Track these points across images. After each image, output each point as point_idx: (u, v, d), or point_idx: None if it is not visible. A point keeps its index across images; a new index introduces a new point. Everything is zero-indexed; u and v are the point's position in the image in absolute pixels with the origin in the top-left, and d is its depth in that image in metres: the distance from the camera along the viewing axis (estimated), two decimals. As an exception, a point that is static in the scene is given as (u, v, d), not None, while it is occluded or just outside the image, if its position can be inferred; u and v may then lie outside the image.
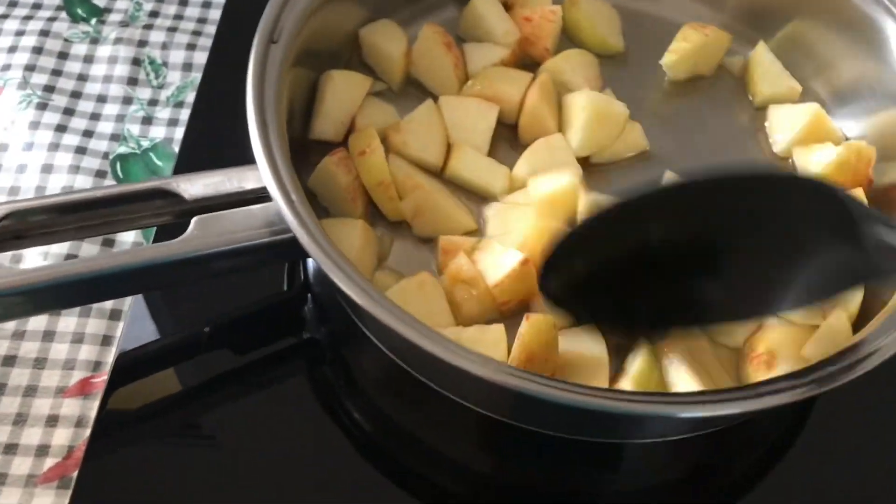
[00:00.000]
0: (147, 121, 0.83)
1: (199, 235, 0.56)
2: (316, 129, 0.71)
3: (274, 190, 0.56)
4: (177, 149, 0.80)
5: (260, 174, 0.57)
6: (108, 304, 0.71)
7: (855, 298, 0.62)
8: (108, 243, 0.74)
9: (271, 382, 0.68)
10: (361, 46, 0.75)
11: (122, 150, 0.81)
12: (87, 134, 0.81)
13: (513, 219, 0.68)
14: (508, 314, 0.64)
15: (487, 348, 0.57)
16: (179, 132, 0.81)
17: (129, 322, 0.67)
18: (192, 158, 0.75)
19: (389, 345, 0.63)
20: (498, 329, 0.60)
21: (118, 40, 0.87)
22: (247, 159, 0.59)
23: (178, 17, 0.90)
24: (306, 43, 0.66)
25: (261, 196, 0.58)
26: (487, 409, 0.62)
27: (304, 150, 0.68)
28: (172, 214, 0.59)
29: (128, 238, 0.74)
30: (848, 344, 0.55)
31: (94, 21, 0.89)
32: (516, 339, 0.59)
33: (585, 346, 0.61)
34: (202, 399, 0.66)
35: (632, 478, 0.66)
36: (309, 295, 0.70)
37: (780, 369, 0.59)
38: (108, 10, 0.90)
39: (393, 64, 0.74)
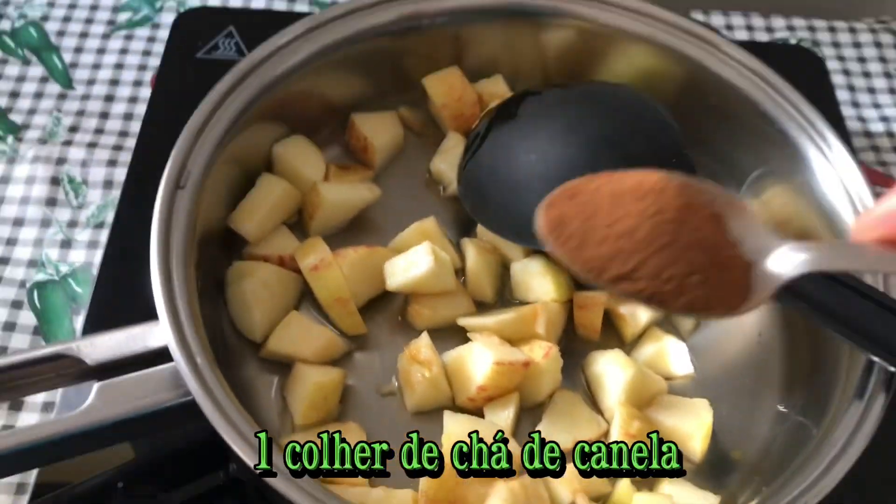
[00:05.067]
0: (66, 244, 0.80)
1: (101, 405, 0.54)
2: (236, 220, 0.69)
3: (176, 353, 0.54)
4: (96, 272, 0.77)
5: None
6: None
7: None
8: (17, 406, 0.71)
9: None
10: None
11: (41, 276, 0.78)
12: (3, 261, 0.78)
13: None
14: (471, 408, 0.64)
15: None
16: (99, 255, 0.79)
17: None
18: (108, 293, 0.73)
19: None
20: (405, 494, 0.58)
21: (36, 158, 0.84)
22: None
23: (99, 130, 0.87)
24: (216, 179, 0.65)
25: (167, 354, 0.56)
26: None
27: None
28: (75, 377, 0.57)
29: (37, 399, 0.71)
30: None
31: (10, 139, 0.86)
32: (419, 496, 0.57)
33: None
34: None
35: None
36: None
37: None
38: (25, 127, 0.87)
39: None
